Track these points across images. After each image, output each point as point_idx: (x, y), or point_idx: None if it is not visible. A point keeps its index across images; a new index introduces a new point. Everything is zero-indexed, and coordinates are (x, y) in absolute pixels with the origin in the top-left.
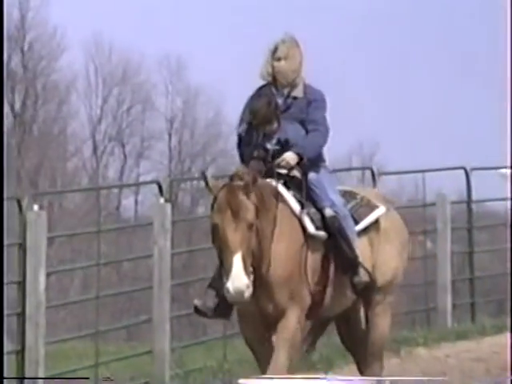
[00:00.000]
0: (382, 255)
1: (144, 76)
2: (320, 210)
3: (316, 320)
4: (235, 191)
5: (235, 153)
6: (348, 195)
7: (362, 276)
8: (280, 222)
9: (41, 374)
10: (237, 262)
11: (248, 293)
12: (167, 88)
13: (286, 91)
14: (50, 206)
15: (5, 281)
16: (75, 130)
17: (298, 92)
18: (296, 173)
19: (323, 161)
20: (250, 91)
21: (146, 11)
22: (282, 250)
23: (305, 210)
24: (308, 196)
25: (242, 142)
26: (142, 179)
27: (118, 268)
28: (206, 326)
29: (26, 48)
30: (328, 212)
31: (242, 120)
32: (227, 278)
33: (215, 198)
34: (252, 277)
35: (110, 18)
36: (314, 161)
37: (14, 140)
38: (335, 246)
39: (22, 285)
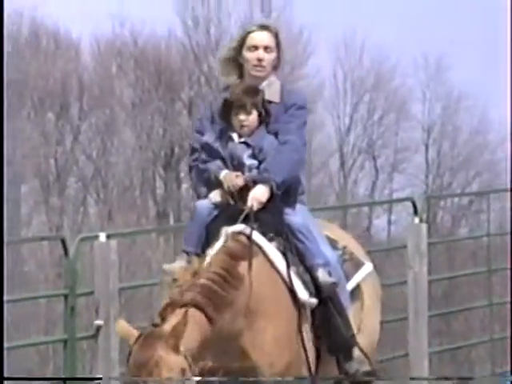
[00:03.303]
0: (365, 323)
1: (399, 80)
2: (309, 269)
3: None
4: (154, 343)
5: (503, 166)
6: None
7: (359, 363)
8: (261, 290)
9: None
10: None
11: None
12: (424, 93)
13: None
14: None
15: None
16: (321, 142)
17: (272, 95)
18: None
19: (300, 192)
20: None
21: (401, 5)
22: (271, 331)
23: (293, 269)
24: (294, 248)
25: (207, 153)
26: (395, 196)
27: None
28: (473, 362)
29: None
30: (323, 276)
31: (200, 130)
32: None
33: (130, 353)
34: None
35: (363, 16)
36: (288, 190)
37: None
38: (324, 316)
39: None
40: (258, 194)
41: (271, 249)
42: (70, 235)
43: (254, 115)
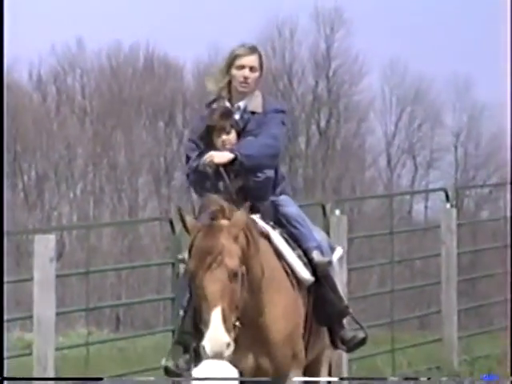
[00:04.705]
0: None
1: (434, 95)
2: (305, 251)
3: None
4: (216, 233)
5: None
6: None
7: (354, 331)
8: (268, 264)
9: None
10: (215, 317)
11: (228, 352)
12: (454, 105)
13: (242, 105)
14: (350, 210)
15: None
16: (372, 144)
17: (256, 106)
18: (265, 204)
19: (284, 186)
20: None
21: (436, 35)
22: (281, 300)
23: (295, 252)
24: (290, 234)
25: (195, 172)
26: (431, 187)
27: (411, 265)
28: (492, 316)
29: (330, 74)
30: (317, 256)
31: (192, 139)
32: (204, 335)
33: (193, 242)
34: (234, 332)
35: (405, 43)
36: (274, 180)
37: (319, 154)
38: (318, 292)
39: None
40: (217, 153)
41: (275, 235)
42: (176, 217)
43: (233, 133)
